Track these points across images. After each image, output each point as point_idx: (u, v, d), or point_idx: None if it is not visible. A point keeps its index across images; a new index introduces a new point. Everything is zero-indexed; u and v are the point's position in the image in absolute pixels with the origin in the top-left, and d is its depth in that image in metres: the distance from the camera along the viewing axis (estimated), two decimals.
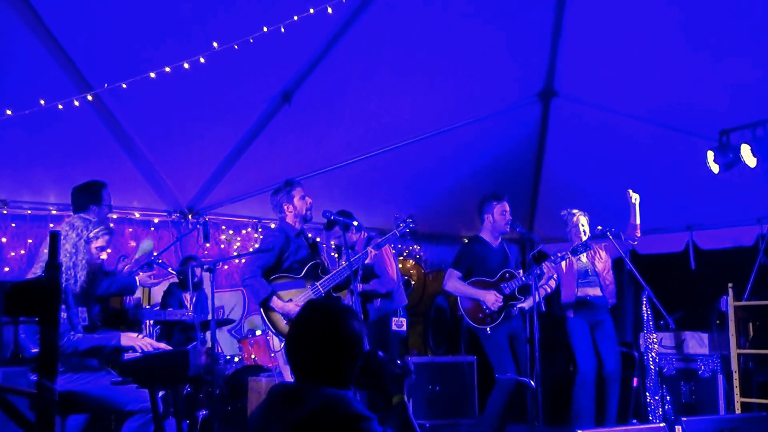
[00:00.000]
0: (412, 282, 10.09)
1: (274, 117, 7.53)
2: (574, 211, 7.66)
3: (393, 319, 7.44)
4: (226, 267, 8.69)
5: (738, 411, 7.39)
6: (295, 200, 6.26)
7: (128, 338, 5.10)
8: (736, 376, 7.53)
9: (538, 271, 7.01)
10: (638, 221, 7.51)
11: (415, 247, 10.38)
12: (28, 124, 6.20)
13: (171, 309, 6.94)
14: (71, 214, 7.13)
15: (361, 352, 2.90)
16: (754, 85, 7.25)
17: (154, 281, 6.46)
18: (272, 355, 6.00)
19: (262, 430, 2.80)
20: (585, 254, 7.53)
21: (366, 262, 6.38)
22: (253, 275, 5.99)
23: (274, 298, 5.96)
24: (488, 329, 7.03)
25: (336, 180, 8.28)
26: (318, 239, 8.70)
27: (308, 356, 2.81)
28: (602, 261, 7.72)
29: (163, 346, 5.38)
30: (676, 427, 5.92)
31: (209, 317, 5.73)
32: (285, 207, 6.25)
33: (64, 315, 4.95)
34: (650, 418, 7.66)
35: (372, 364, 3.02)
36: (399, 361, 3.09)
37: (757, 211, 8.72)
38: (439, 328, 10.44)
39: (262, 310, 5.98)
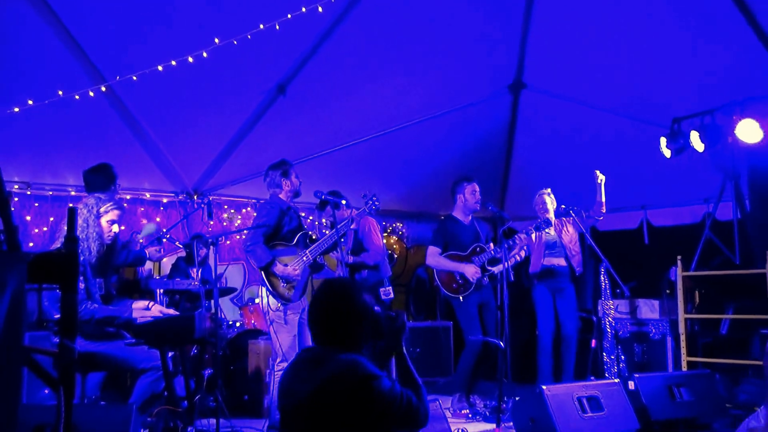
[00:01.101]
0: (395, 255, 10.12)
1: (271, 107, 7.53)
2: (542, 190, 7.73)
3: (381, 289, 7.49)
4: (228, 242, 8.71)
5: (684, 369, 7.47)
6: (292, 177, 6.28)
7: (139, 311, 5.13)
8: (683, 338, 7.60)
9: (510, 243, 7.07)
10: (604, 199, 7.58)
11: (398, 224, 10.42)
12: (48, 114, 6.20)
13: (179, 279, 6.95)
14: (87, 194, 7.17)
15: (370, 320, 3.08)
16: (702, 78, 7.33)
17: (161, 254, 6.48)
18: (268, 314, 6.00)
19: (291, 388, 2.97)
20: (553, 227, 7.59)
21: (351, 227, 6.40)
22: (255, 243, 5.99)
23: (277, 264, 5.99)
24: (461, 297, 7.11)
25: (327, 164, 8.29)
26: (311, 218, 8.75)
27: (327, 326, 3.03)
28: (569, 234, 7.78)
29: (172, 312, 5.43)
30: (629, 382, 6.00)
31: (213, 287, 5.76)
32: (283, 182, 6.24)
33: (81, 285, 4.96)
34: (606, 375, 7.76)
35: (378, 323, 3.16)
36: (393, 313, 3.19)
37: (704, 191, 8.75)
38: (419, 297, 10.49)
39: (263, 273, 5.99)
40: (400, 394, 2.89)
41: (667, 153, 7.58)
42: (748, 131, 7.00)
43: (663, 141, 7.58)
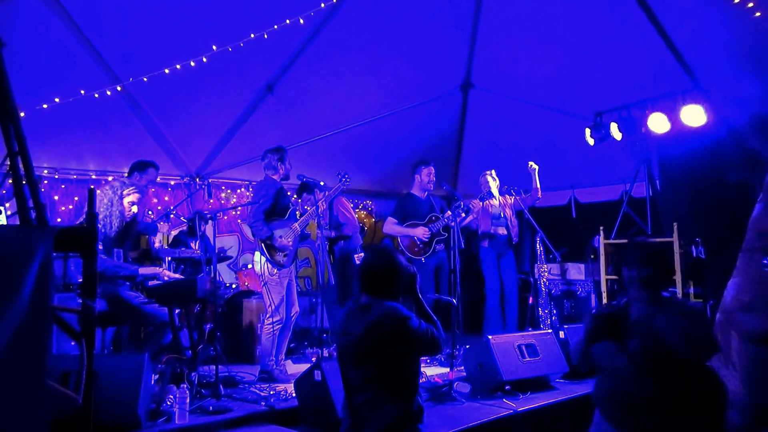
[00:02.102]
0: (365, 228, 10.12)
1: (261, 104, 7.50)
2: (485, 172, 7.79)
3: (355, 255, 7.52)
4: (225, 217, 8.66)
5: None
6: (286, 163, 6.24)
7: (148, 270, 5.14)
8: (604, 295, 7.67)
9: (465, 207, 7.19)
10: (539, 185, 7.65)
11: (368, 201, 10.40)
12: (72, 110, 6.15)
13: (184, 248, 6.91)
14: (107, 179, 7.16)
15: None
16: (620, 77, 7.38)
17: (167, 231, 6.47)
18: (263, 277, 6.01)
19: (347, 329, 3.35)
20: (498, 202, 7.67)
21: (321, 211, 6.40)
22: (257, 219, 5.98)
23: (276, 236, 5.99)
24: (422, 259, 7.17)
25: (308, 152, 8.23)
26: (295, 196, 8.72)
27: (375, 280, 3.39)
28: (509, 208, 7.88)
29: (178, 276, 5.42)
30: (560, 333, 6.08)
31: (212, 255, 5.75)
32: (279, 166, 6.18)
33: (99, 247, 4.95)
34: (541, 326, 7.83)
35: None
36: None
37: (622, 173, 8.82)
38: None
39: (263, 244, 5.98)
40: (425, 329, 3.29)
41: (591, 141, 7.65)
42: (658, 123, 7.09)
43: (587, 131, 7.65)
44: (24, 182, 2.33)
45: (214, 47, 6.03)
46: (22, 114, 2.42)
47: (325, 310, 7.15)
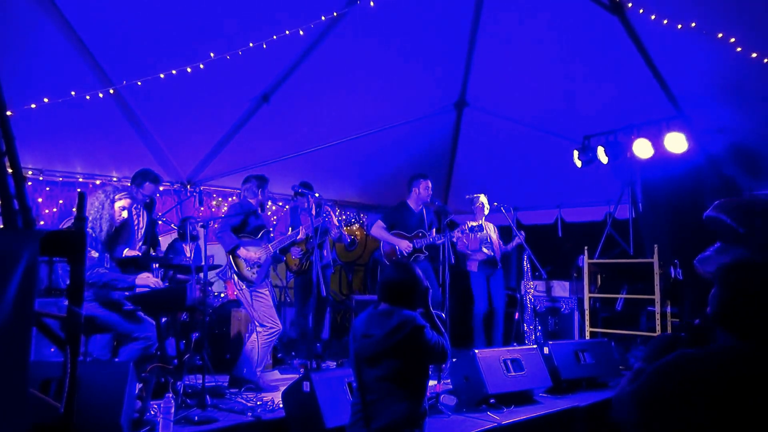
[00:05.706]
0: (356, 241, 10.03)
1: (256, 113, 7.36)
2: (477, 195, 7.76)
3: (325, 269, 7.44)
4: (216, 226, 8.50)
5: (587, 337, 7.60)
6: (265, 192, 6.22)
7: (142, 279, 4.98)
8: (587, 313, 7.73)
9: (453, 234, 7.08)
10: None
11: (361, 214, 10.32)
12: (61, 111, 5.98)
13: (171, 256, 6.75)
14: (95, 182, 6.99)
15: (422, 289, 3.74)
16: (608, 103, 7.40)
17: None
18: (235, 293, 5.94)
19: (368, 332, 3.58)
20: (486, 229, 7.66)
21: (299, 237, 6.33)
22: (223, 231, 5.95)
23: (241, 248, 5.89)
24: None
25: (302, 163, 8.13)
26: (287, 207, 8.62)
27: (395, 291, 3.66)
28: (495, 233, 7.88)
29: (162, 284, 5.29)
30: (545, 348, 6.06)
31: (202, 263, 5.59)
32: (259, 193, 6.16)
33: (96, 255, 4.80)
34: (526, 341, 7.81)
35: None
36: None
37: (607, 195, 8.87)
38: (375, 274, 10.39)
39: (230, 256, 5.91)
40: (437, 340, 3.56)
41: (579, 163, 7.68)
42: (642, 148, 7.17)
43: (575, 153, 7.68)
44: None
45: (212, 54, 5.90)
46: (9, 113, 2.27)
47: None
